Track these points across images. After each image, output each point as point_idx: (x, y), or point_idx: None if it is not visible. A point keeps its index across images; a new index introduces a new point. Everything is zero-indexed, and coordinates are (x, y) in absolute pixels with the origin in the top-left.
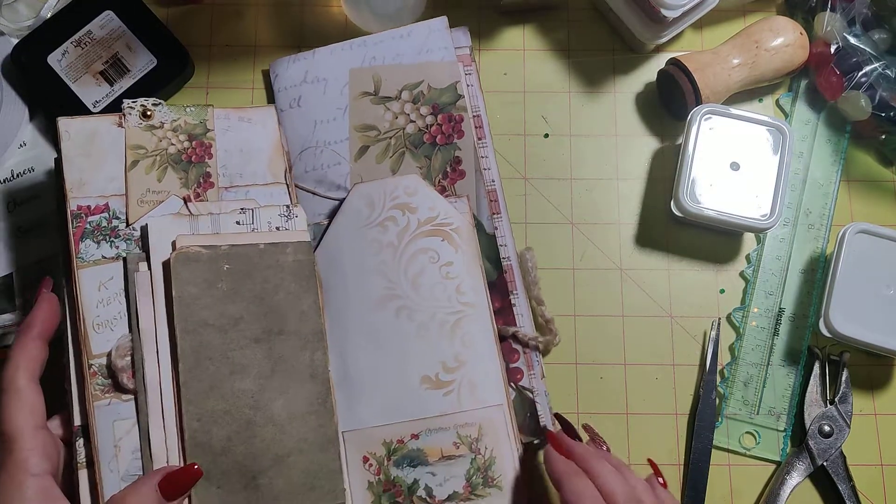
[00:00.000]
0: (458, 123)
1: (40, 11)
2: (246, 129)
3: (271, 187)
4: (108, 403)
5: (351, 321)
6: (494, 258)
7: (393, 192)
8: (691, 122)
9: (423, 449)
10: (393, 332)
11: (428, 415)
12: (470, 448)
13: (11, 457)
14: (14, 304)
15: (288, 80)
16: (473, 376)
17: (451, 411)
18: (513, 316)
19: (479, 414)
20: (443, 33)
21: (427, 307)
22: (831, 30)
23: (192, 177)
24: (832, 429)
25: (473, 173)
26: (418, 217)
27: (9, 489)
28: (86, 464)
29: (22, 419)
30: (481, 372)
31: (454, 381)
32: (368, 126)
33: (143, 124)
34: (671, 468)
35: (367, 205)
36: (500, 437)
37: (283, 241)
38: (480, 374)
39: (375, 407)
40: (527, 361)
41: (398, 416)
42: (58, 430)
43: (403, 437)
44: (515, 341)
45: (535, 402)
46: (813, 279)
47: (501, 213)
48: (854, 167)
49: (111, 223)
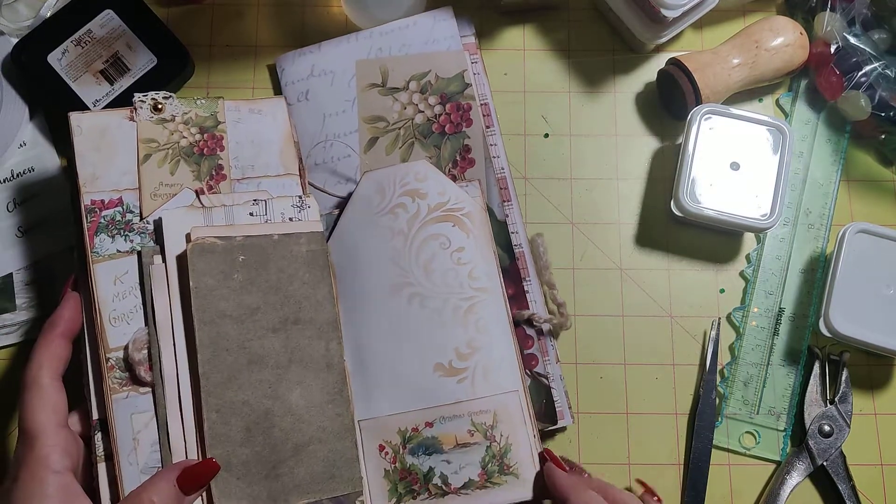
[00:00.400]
0: (466, 112)
1: (40, 10)
2: (256, 120)
3: (283, 178)
4: (125, 397)
5: (365, 309)
6: (506, 245)
7: (403, 179)
8: (691, 122)
9: (437, 437)
10: (406, 320)
11: (442, 402)
12: (485, 435)
13: (33, 453)
14: (14, 303)
15: (295, 75)
16: (487, 362)
17: (464, 398)
18: (526, 302)
19: (494, 401)
20: (449, 23)
21: (439, 293)
22: (831, 30)
23: (205, 169)
24: (832, 428)
25: (483, 161)
26: (428, 203)
27: (30, 486)
28: (104, 457)
29: (44, 416)
30: (496, 357)
31: (468, 367)
32: (377, 117)
33: (155, 118)
34: (671, 468)
35: (377, 192)
36: (516, 424)
37: (297, 231)
38: (495, 360)
39: (390, 395)
40: (541, 347)
41: (413, 405)
42: (76, 425)
43: (418, 425)
44: (530, 326)
45: (551, 388)
46: (813, 279)
47: (512, 200)
48: (854, 167)
49: (125, 217)
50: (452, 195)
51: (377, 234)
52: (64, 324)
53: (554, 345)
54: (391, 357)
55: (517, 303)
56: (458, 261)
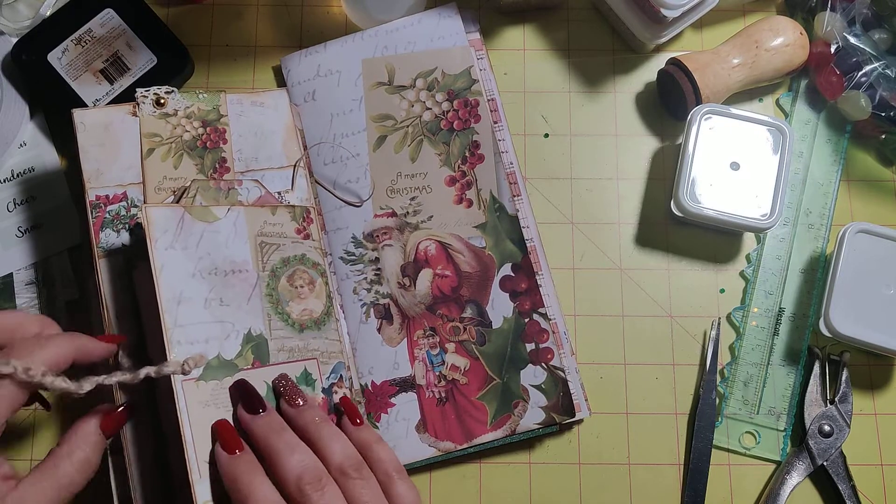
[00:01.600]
0: (473, 108)
1: (40, 10)
2: (259, 112)
3: (287, 170)
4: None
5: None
6: (518, 239)
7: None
8: (691, 122)
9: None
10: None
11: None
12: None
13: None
14: (14, 303)
15: (301, 75)
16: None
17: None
18: (540, 297)
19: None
20: (454, 19)
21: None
22: (831, 30)
23: (208, 163)
24: (832, 429)
25: (492, 156)
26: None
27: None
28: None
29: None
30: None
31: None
32: (385, 116)
33: (157, 112)
34: (671, 468)
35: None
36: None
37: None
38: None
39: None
40: (556, 341)
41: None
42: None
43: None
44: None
45: (567, 381)
46: (813, 279)
47: (522, 194)
48: (854, 167)
49: (130, 211)
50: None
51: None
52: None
53: (569, 338)
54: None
55: (531, 297)
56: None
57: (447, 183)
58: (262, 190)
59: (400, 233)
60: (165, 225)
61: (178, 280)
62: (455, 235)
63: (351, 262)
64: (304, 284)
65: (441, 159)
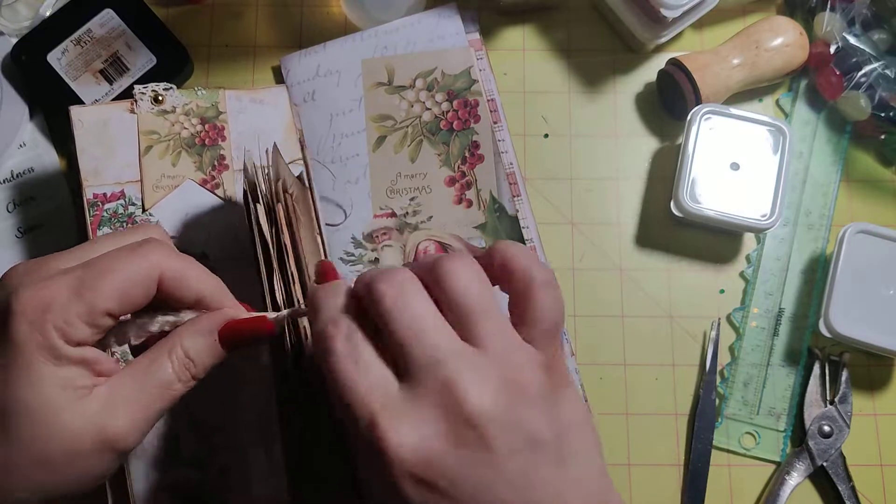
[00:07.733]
0: (473, 108)
1: (39, 10)
2: (258, 110)
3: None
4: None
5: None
6: (518, 239)
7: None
8: (691, 122)
9: None
10: None
11: None
12: None
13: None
14: None
15: (300, 75)
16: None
17: None
18: None
19: None
20: (453, 19)
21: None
22: (831, 30)
23: (207, 160)
24: (832, 429)
25: (492, 157)
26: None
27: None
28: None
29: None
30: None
31: None
32: (384, 116)
33: (155, 109)
34: (671, 468)
35: None
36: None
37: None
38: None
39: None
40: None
41: None
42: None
43: None
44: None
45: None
46: (813, 279)
47: (522, 195)
48: (854, 167)
49: (127, 210)
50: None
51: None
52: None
53: (568, 339)
54: None
55: None
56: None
57: (447, 183)
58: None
59: (399, 233)
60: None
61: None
62: (455, 236)
63: (350, 263)
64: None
65: (441, 159)
